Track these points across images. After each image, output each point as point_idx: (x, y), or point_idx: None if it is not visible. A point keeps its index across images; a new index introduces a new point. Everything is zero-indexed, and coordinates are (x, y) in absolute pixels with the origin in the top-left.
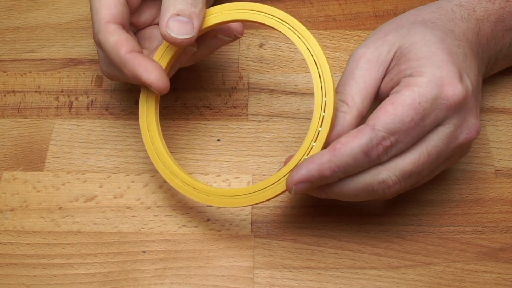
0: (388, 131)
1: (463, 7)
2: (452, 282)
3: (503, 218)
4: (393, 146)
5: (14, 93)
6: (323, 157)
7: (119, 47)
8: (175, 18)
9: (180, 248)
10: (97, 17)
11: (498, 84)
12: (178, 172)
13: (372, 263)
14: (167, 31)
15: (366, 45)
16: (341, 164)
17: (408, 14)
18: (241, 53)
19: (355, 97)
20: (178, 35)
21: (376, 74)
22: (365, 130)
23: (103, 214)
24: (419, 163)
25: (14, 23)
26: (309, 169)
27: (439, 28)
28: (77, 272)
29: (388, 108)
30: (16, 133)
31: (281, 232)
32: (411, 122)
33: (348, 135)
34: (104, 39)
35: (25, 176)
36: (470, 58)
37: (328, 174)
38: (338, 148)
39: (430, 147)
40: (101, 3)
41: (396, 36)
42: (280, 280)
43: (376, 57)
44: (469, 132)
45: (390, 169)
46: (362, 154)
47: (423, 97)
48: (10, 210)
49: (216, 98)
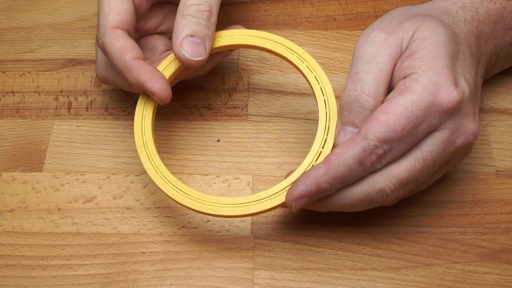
0: (380, 140)
1: (466, 9)
2: (453, 283)
3: (504, 219)
4: (386, 154)
5: (13, 93)
6: (319, 170)
7: (124, 52)
8: (189, 39)
9: (180, 249)
10: (105, 20)
11: (499, 84)
12: (175, 181)
13: (373, 264)
14: (182, 52)
15: (385, 29)
16: (337, 176)
17: (415, 8)
18: (241, 53)
19: (380, 88)
20: (192, 56)
21: (394, 60)
22: (357, 140)
23: (102, 215)
24: (415, 170)
25: (13, 23)
26: (307, 184)
27: (448, 28)
28: (76, 273)
29: (380, 117)
30: (15, 133)
31: (281, 233)
32: (404, 131)
33: (342, 146)
34: (110, 43)
35: (24, 177)
36: (469, 63)
37: (325, 186)
38: (333, 160)
39: (425, 153)
40: (111, 7)
41: (410, 25)
42: (280, 281)
43: (396, 43)
44: (466, 136)
45: (387, 177)
46: (357, 164)
47: (416, 105)
48: (9, 211)
49: (216, 99)
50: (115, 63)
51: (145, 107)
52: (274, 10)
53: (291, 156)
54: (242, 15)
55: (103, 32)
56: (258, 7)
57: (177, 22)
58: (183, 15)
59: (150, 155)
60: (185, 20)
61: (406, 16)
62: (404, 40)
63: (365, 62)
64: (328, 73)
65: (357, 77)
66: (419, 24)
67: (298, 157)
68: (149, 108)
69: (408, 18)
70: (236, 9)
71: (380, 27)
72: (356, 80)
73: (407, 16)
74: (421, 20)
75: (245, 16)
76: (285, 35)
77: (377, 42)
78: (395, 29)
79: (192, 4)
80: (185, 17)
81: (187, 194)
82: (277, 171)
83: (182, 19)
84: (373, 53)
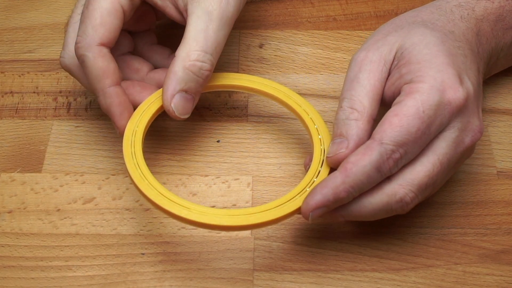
0: (397, 143)
1: (462, 7)
2: (453, 284)
3: (505, 220)
4: (402, 158)
5: (12, 94)
6: (336, 179)
7: (106, 76)
8: (182, 94)
9: (180, 250)
10: (93, 33)
11: (500, 85)
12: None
13: (373, 265)
14: (172, 108)
15: (367, 48)
16: (355, 184)
17: (406, 15)
18: (241, 54)
19: (364, 101)
20: (180, 114)
21: (381, 75)
22: (373, 146)
23: (101, 216)
24: (433, 174)
25: (12, 23)
26: (324, 194)
27: (438, 29)
28: (76, 275)
29: (393, 120)
30: (14, 134)
31: (281, 234)
32: (418, 132)
33: (357, 153)
34: (93, 61)
35: (23, 178)
36: (470, 59)
37: (343, 195)
38: (350, 168)
39: (441, 156)
40: (102, 20)
41: (396, 36)
42: (281, 282)
43: (378, 58)
44: (474, 134)
45: (406, 186)
46: (374, 170)
47: (427, 104)
48: (8, 212)
49: (216, 99)
50: (92, 82)
51: (137, 123)
52: (274, 10)
53: (291, 156)
54: (241, 15)
55: (87, 46)
56: (258, 7)
57: (176, 71)
58: (184, 68)
59: (139, 166)
60: (185, 75)
61: (392, 28)
62: (388, 53)
63: (349, 82)
64: (328, 74)
65: (342, 98)
66: (405, 34)
67: (298, 158)
68: (142, 123)
69: (394, 30)
70: None
71: (365, 46)
72: (341, 100)
73: (393, 28)
74: (407, 29)
75: (245, 16)
76: (285, 35)
77: (359, 61)
78: (377, 44)
79: (197, 60)
80: (185, 71)
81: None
82: (277, 172)
83: (182, 71)
84: (356, 72)
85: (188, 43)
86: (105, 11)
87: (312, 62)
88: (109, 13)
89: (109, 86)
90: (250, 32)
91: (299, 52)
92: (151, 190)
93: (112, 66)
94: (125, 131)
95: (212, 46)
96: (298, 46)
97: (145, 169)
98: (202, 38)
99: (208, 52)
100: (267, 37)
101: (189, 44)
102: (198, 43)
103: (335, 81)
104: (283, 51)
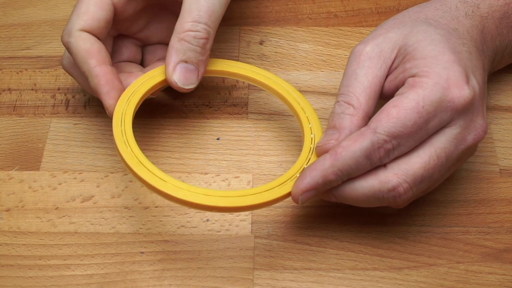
0: (390, 134)
1: (467, 4)
2: (456, 283)
3: (508, 218)
4: (394, 149)
5: (10, 91)
6: (325, 162)
7: (90, 56)
8: (183, 65)
9: (179, 249)
10: (76, 20)
11: (503, 82)
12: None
13: (374, 264)
14: (174, 78)
15: (366, 41)
16: (343, 168)
17: (410, 11)
18: (241, 51)
19: (360, 97)
20: (183, 85)
21: (379, 72)
22: (366, 133)
23: (100, 214)
24: (430, 167)
25: (9, 20)
26: (313, 176)
27: (442, 26)
28: (74, 274)
29: (391, 111)
30: (12, 131)
31: (281, 232)
32: (414, 126)
33: (350, 138)
34: (75, 45)
35: (21, 176)
36: (475, 57)
37: (332, 178)
38: (340, 152)
39: (438, 149)
40: (88, 9)
41: (398, 33)
42: (281, 281)
43: (378, 54)
44: (477, 133)
45: (401, 175)
46: (364, 157)
47: (427, 100)
48: (6, 210)
49: (216, 96)
50: (79, 65)
51: (128, 101)
52: (274, 6)
53: (292, 154)
54: (242, 11)
55: (69, 32)
56: (258, 4)
57: (173, 44)
58: (179, 39)
59: (132, 149)
60: (181, 45)
61: (395, 24)
62: (388, 50)
63: (347, 77)
64: (329, 71)
65: (339, 92)
66: (407, 31)
67: (298, 156)
68: (131, 104)
69: (397, 26)
70: (237, 5)
71: (363, 41)
72: (338, 95)
73: (395, 24)
74: (410, 27)
75: (245, 13)
76: (285, 31)
77: (357, 55)
78: (378, 40)
79: (189, 29)
80: (181, 42)
81: (190, 189)
82: (277, 170)
83: (178, 43)
84: (354, 67)
85: (182, 16)
86: (92, 1)
87: (313, 59)
88: (96, 3)
89: (94, 66)
90: (251, 29)
91: (299, 49)
92: (140, 167)
93: (96, 46)
94: (115, 111)
95: (206, 15)
96: (299, 43)
97: (136, 148)
98: (195, 8)
99: (201, 21)
100: (267, 34)
101: (183, 17)
102: (190, 14)
103: (336, 78)
104: (284, 48)
